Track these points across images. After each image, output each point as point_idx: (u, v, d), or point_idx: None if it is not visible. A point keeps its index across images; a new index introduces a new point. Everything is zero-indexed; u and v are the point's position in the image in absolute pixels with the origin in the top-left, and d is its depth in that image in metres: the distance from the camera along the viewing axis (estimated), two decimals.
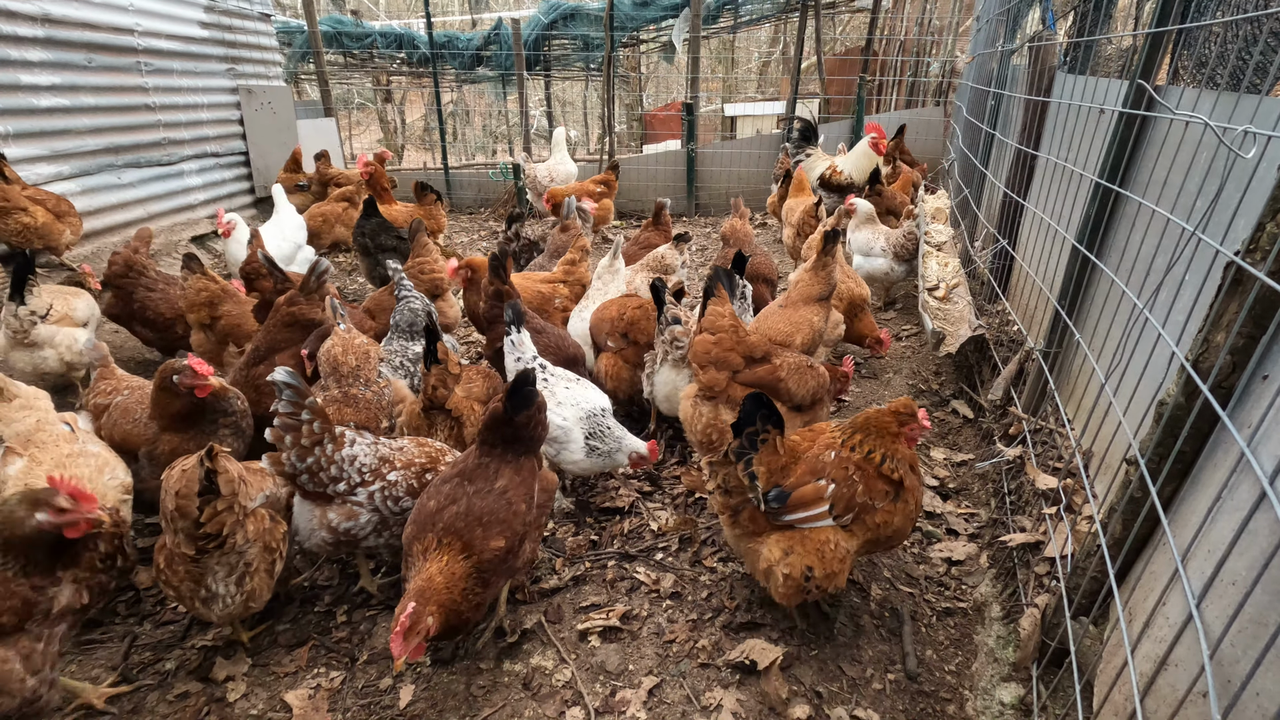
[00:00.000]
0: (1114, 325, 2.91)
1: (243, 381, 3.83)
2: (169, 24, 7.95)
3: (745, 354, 3.59)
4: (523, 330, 3.82)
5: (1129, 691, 1.76)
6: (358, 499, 2.83)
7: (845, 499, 2.56)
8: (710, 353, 3.58)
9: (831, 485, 2.57)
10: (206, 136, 8.69)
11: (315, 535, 2.86)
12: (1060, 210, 3.89)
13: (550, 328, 4.44)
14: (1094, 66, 4.50)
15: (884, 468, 2.63)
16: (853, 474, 2.60)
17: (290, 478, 2.79)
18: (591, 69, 14.40)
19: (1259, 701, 1.48)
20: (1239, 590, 1.61)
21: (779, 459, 2.65)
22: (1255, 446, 1.67)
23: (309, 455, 2.76)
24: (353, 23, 14.19)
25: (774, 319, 4.39)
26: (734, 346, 3.58)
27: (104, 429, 3.40)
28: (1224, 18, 2.48)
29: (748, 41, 21.70)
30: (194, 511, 2.41)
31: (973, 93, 8.00)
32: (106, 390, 3.56)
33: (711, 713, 2.52)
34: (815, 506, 2.56)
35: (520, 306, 3.90)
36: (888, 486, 2.62)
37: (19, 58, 6.10)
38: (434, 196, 7.80)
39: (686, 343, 4.00)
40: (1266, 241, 1.66)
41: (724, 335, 3.60)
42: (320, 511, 2.84)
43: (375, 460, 2.90)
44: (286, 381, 2.73)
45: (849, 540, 2.60)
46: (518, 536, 2.58)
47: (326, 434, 2.80)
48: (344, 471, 2.82)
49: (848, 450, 2.67)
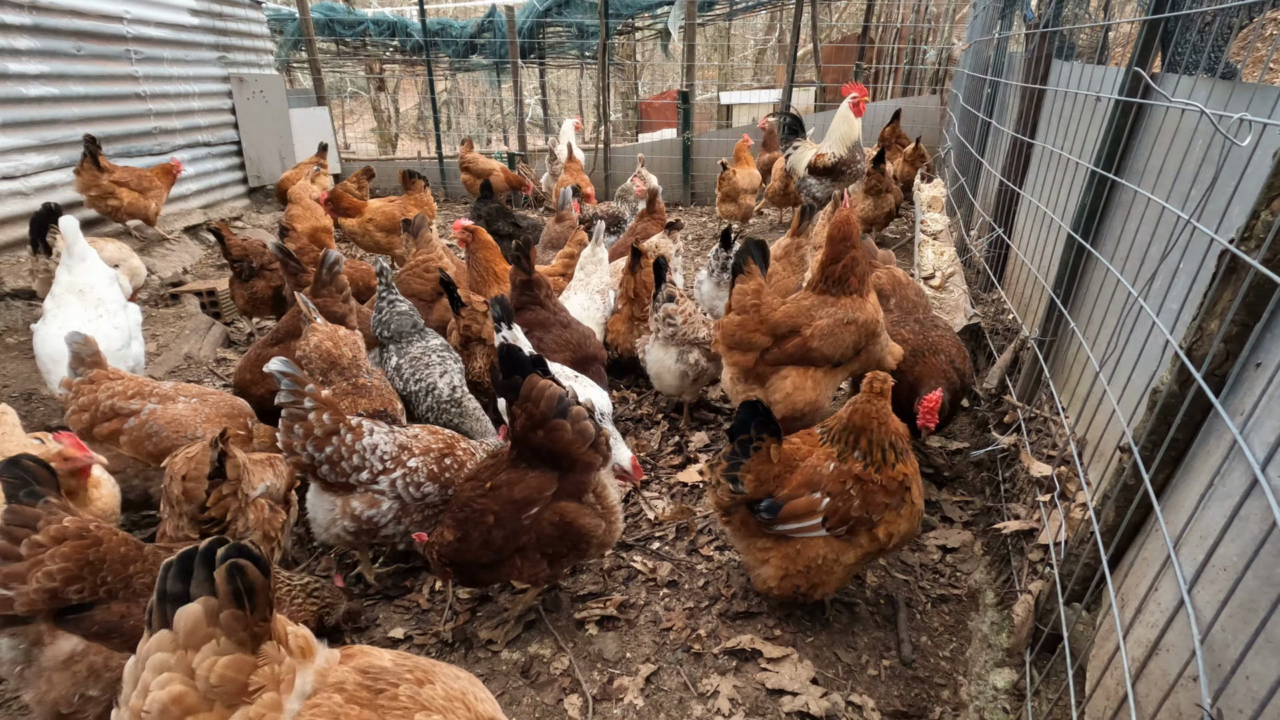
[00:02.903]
0: (1109, 313, 2.92)
1: (254, 360, 3.89)
2: (159, 11, 7.86)
3: (770, 331, 3.45)
4: (514, 326, 3.71)
5: (1121, 676, 1.78)
6: (379, 487, 2.85)
7: (840, 513, 2.54)
8: (735, 335, 3.50)
9: (826, 499, 2.55)
10: (198, 126, 8.61)
11: (336, 525, 2.86)
12: (1056, 198, 3.89)
13: (576, 323, 4.35)
14: (1066, 54, 4.50)
15: (887, 473, 2.55)
16: (849, 488, 2.54)
17: (310, 469, 2.79)
18: (586, 57, 14.31)
19: (1249, 685, 1.50)
20: (1230, 576, 1.62)
21: (771, 468, 2.64)
22: (1248, 434, 1.68)
23: (326, 445, 2.75)
24: (345, 10, 14.06)
25: None
26: (757, 327, 3.46)
27: (133, 442, 3.18)
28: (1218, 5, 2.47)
29: (744, 29, 21.54)
30: (201, 495, 2.45)
31: (969, 80, 7.97)
32: (125, 393, 3.28)
33: (708, 699, 2.54)
34: (808, 519, 2.57)
35: (507, 301, 3.76)
36: (888, 499, 2.55)
37: (6, 45, 6.03)
38: (422, 183, 7.75)
39: (678, 321, 4.09)
40: (1261, 229, 1.66)
41: (747, 317, 3.49)
42: (343, 501, 2.84)
43: (395, 448, 2.92)
44: (283, 370, 2.71)
45: (846, 551, 2.58)
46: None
47: (341, 424, 2.80)
48: (366, 460, 2.83)
49: (848, 462, 2.60)
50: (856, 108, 7.43)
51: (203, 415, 3.35)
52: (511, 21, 12.01)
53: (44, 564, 2.00)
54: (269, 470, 2.86)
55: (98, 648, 2.08)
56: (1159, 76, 2.94)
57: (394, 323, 4.03)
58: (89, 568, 2.07)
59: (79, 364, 3.30)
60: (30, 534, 2.03)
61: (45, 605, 2.02)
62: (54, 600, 2.03)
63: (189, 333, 5.69)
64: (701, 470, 3.95)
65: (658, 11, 13.16)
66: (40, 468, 2.16)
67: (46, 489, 2.13)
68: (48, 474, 2.17)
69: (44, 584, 2.00)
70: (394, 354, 3.96)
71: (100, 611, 2.09)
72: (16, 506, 2.06)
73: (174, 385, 3.50)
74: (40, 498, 2.10)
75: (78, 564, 2.04)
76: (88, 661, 2.06)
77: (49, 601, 2.02)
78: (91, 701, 2.08)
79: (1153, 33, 2.84)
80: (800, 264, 5.08)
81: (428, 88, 12.21)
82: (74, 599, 2.06)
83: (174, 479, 2.56)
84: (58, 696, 2.05)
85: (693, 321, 4.19)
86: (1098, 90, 3.43)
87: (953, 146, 8.58)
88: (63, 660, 2.05)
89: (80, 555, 2.05)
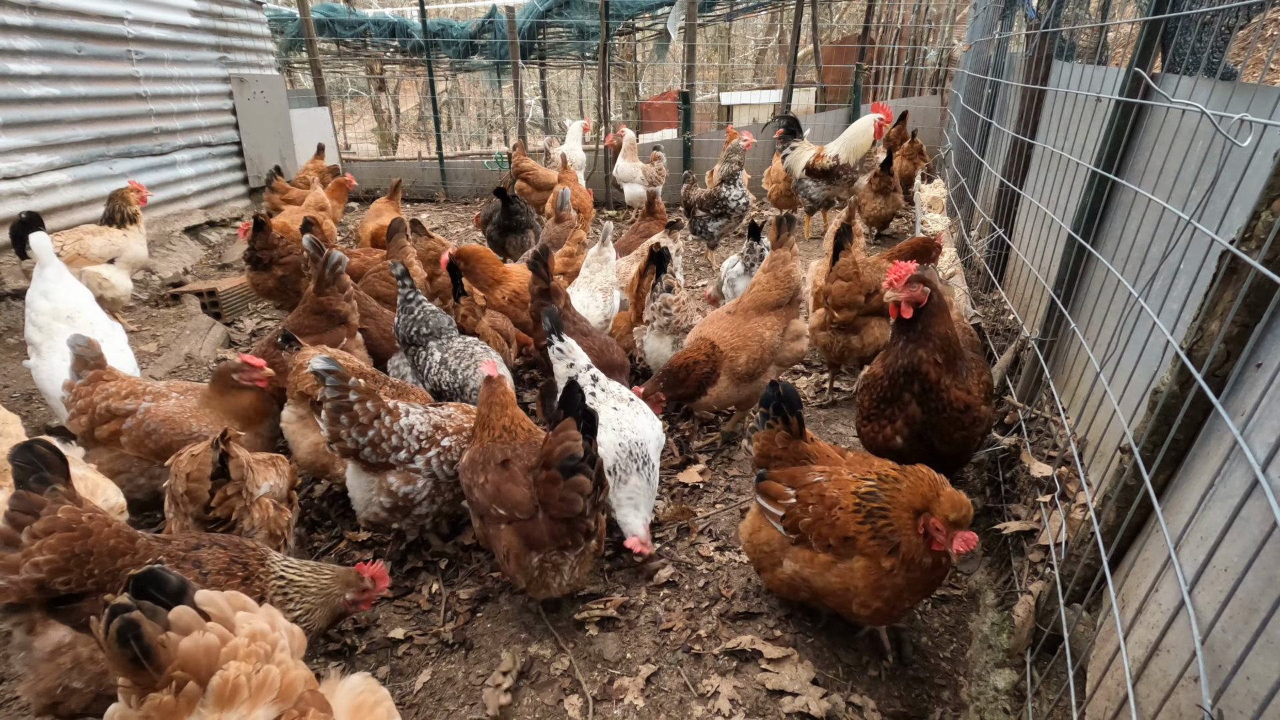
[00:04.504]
0: (1109, 314, 2.92)
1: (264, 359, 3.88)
2: (160, 11, 7.86)
3: (863, 291, 4.38)
4: (566, 338, 3.53)
5: (1121, 676, 1.77)
6: (416, 465, 3.03)
7: (794, 518, 2.55)
8: (844, 297, 4.36)
9: (793, 499, 2.58)
10: (199, 126, 8.61)
11: (373, 504, 3.04)
12: (1056, 199, 3.89)
13: (596, 332, 4.33)
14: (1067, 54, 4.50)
15: (860, 530, 2.35)
16: (811, 504, 2.51)
17: (353, 453, 2.97)
18: (587, 57, 14.30)
19: (1249, 686, 1.50)
20: (1231, 577, 1.62)
21: (773, 447, 2.77)
22: (1248, 434, 1.68)
23: (369, 430, 2.95)
24: (346, 10, 14.07)
25: (717, 325, 4.05)
26: (861, 289, 4.38)
27: (134, 441, 3.22)
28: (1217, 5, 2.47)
29: (744, 29, 21.54)
30: (204, 495, 2.46)
31: (970, 81, 7.97)
32: (119, 394, 3.30)
33: (709, 700, 2.54)
34: (773, 505, 2.64)
35: (557, 312, 3.65)
36: (836, 542, 2.40)
37: (7, 46, 6.03)
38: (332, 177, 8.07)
39: (673, 311, 4.33)
40: (1261, 230, 1.66)
41: (852, 283, 4.37)
42: (379, 479, 3.02)
43: (430, 428, 3.09)
44: (326, 369, 2.88)
45: (790, 558, 2.58)
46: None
47: (381, 409, 2.98)
48: (404, 440, 3.02)
49: (841, 491, 2.48)
50: (879, 129, 7.69)
51: (195, 412, 3.37)
52: (512, 22, 12.00)
53: (33, 554, 2.00)
54: (272, 469, 2.87)
55: (86, 639, 2.08)
56: (1159, 77, 2.94)
57: (430, 319, 4.08)
58: (75, 560, 2.05)
59: (82, 366, 3.32)
60: (33, 521, 2.03)
61: (34, 595, 2.02)
62: (42, 591, 2.03)
63: (190, 333, 5.70)
64: (702, 470, 3.95)
65: (658, 12, 13.15)
66: (53, 454, 2.15)
67: (56, 476, 2.13)
68: (59, 461, 2.16)
69: (31, 574, 2.00)
70: (435, 350, 4.02)
71: (88, 604, 2.08)
72: (23, 493, 2.06)
73: (167, 383, 3.52)
74: (49, 484, 2.10)
75: (64, 556, 2.03)
76: (74, 653, 2.06)
77: (37, 591, 2.02)
78: (75, 694, 2.08)
79: (1153, 33, 2.83)
80: (786, 280, 4.19)
81: (428, 88, 12.21)
82: (62, 590, 2.05)
83: (178, 477, 2.57)
84: (45, 688, 2.05)
85: (686, 310, 4.39)
86: (1098, 91, 3.43)
87: (953, 147, 8.58)
88: (50, 651, 2.06)
89: (67, 547, 2.04)
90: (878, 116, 7.81)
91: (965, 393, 2.92)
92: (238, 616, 1.56)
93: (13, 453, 2.10)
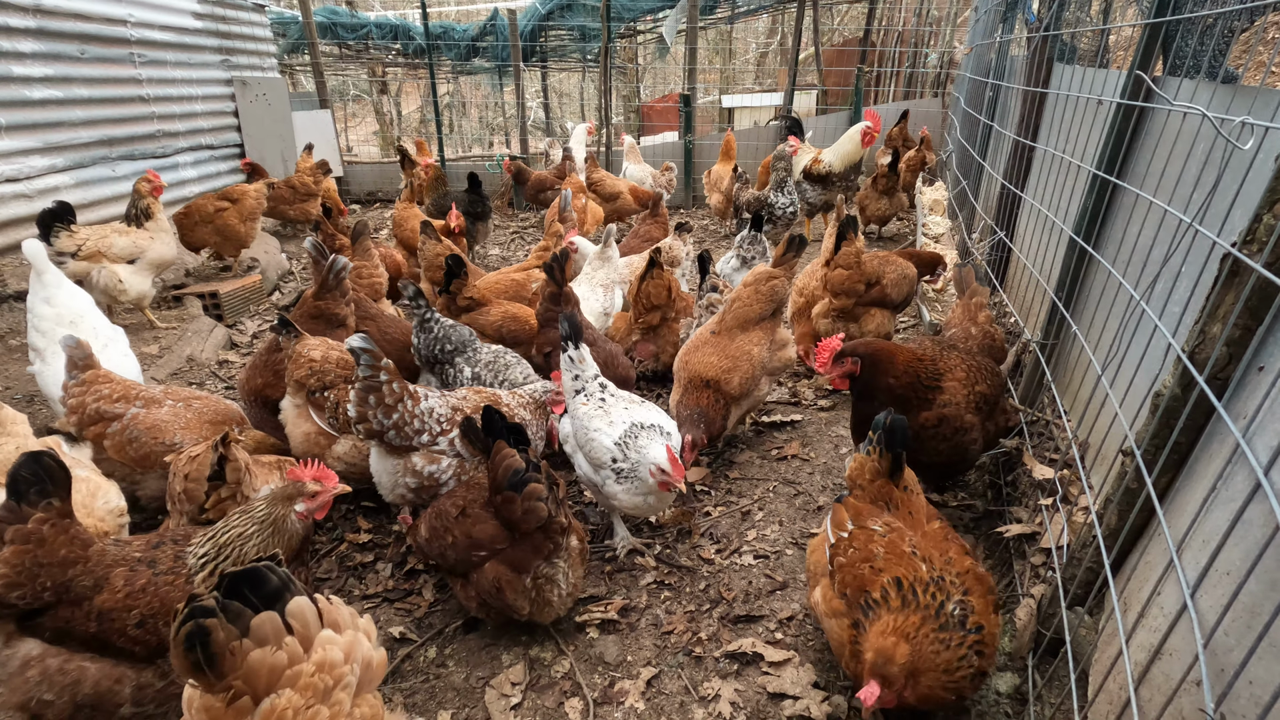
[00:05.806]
0: (1111, 317, 2.91)
1: (262, 365, 3.90)
2: (162, 14, 7.89)
3: (863, 281, 4.64)
4: (581, 346, 3.34)
5: (1124, 680, 1.77)
6: (439, 446, 3.15)
7: (835, 552, 2.41)
8: (844, 284, 4.62)
9: (846, 534, 2.42)
10: (201, 129, 8.64)
11: (400, 485, 3.15)
12: (1058, 202, 3.89)
13: (602, 341, 4.29)
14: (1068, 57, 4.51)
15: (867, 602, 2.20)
16: (854, 548, 2.36)
17: (378, 435, 3.05)
18: (589, 60, 14.32)
19: (1252, 690, 1.50)
20: (1233, 580, 1.62)
21: (862, 476, 2.61)
22: (1250, 437, 1.68)
23: (393, 412, 3.04)
24: (348, 13, 14.09)
25: (703, 352, 3.95)
26: (861, 278, 4.64)
27: (116, 446, 3.20)
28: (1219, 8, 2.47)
29: (745, 32, 21.58)
30: (200, 496, 2.47)
31: (971, 84, 7.98)
32: (111, 396, 3.29)
33: (710, 703, 2.53)
34: (830, 531, 2.51)
35: (577, 319, 3.51)
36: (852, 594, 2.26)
37: (11, 49, 6.05)
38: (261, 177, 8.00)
39: (720, 309, 4.34)
40: (1263, 233, 1.66)
41: (853, 271, 4.60)
42: (404, 461, 3.13)
43: (449, 409, 3.22)
44: (362, 347, 2.98)
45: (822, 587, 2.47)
46: None
47: (405, 392, 3.11)
48: (425, 423, 3.14)
49: (885, 560, 2.28)
50: (867, 137, 7.80)
51: (183, 421, 3.34)
52: (514, 24, 12.03)
53: None
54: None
55: (56, 651, 2.05)
56: (1160, 80, 2.94)
57: (453, 335, 4.07)
58: (26, 573, 2.01)
59: (73, 367, 3.32)
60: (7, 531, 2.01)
61: None
62: (2, 605, 2.00)
63: (191, 335, 5.70)
64: (703, 472, 3.94)
65: (659, 15, 13.18)
66: (58, 468, 2.12)
67: (58, 490, 2.11)
68: (64, 475, 2.14)
69: None
70: (465, 365, 4.05)
71: (49, 618, 2.06)
72: (12, 504, 2.04)
73: (164, 389, 3.50)
74: (48, 498, 2.08)
75: (16, 570, 1.99)
76: (42, 666, 2.04)
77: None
78: (50, 706, 2.05)
79: (1154, 36, 2.84)
80: (769, 295, 4.05)
81: (430, 91, 12.25)
82: (19, 604, 2.02)
83: (176, 476, 2.59)
84: (17, 701, 2.02)
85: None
86: (1099, 94, 3.43)
87: (954, 150, 8.59)
88: (19, 665, 2.03)
89: (19, 560, 2.00)
90: (866, 124, 7.90)
91: (940, 408, 3.08)
92: (321, 635, 1.52)
93: (19, 463, 2.08)
